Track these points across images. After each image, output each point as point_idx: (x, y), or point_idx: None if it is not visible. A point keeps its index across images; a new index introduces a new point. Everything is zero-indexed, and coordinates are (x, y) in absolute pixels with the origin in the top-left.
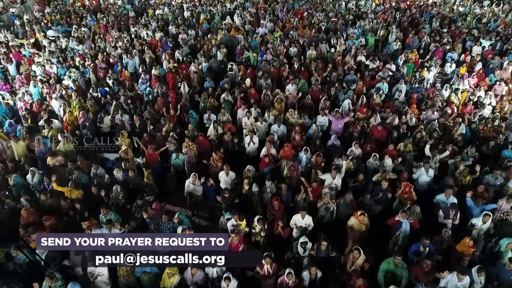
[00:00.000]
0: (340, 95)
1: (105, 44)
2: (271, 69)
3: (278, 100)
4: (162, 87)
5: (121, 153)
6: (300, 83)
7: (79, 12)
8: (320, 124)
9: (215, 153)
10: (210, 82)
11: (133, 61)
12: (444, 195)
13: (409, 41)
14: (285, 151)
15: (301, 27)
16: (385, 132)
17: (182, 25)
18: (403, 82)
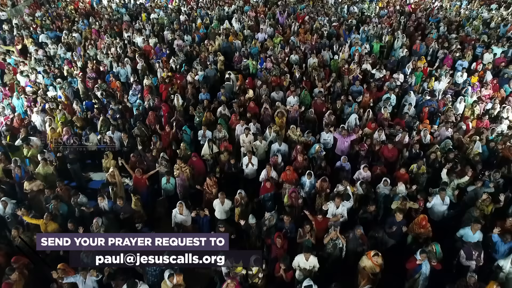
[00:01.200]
0: (345, 108)
1: (96, 51)
2: (270, 78)
3: (279, 115)
4: (154, 99)
5: (108, 177)
6: (302, 94)
7: (71, 16)
8: (325, 142)
9: (209, 177)
10: (205, 94)
11: (124, 70)
12: (469, 229)
13: (416, 47)
14: (286, 174)
15: (302, 33)
16: (396, 152)
17: (178, 30)
18: (412, 93)
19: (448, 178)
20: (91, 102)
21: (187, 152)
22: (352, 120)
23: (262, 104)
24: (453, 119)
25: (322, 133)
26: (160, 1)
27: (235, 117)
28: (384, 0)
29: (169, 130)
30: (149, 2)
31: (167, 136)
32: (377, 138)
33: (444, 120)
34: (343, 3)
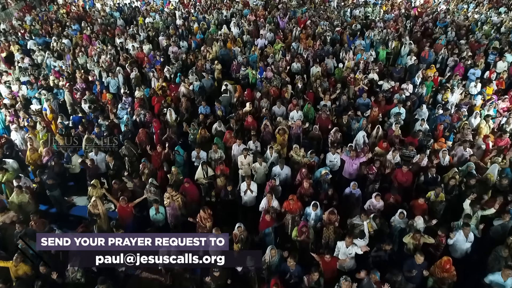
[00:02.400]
0: (352, 123)
1: (86, 59)
2: (270, 89)
3: (281, 132)
4: (145, 114)
5: (89, 208)
6: (305, 108)
7: (62, 21)
8: (331, 164)
9: (203, 210)
10: (205, 107)
11: (115, 80)
12: (499, 275)
13: (425, 54)
14: (290, 204)
15: (304, 38)
16: (411, 176)
17: (174, 35)
18: (425, 107)
19: (471, 210)
20: (79, 117)
21: (179, 176)
22: (360, 137)
23: (262, 118)
24: (470, 137)
25: (328, 154)
26: (156, 4)
27: (229, 134)
28: (388, 3)
29: (160, 150)
30: (144, 5)
31: (158, 157)
32: (391, 160)
33: (460, 138)
34: (346, 6)
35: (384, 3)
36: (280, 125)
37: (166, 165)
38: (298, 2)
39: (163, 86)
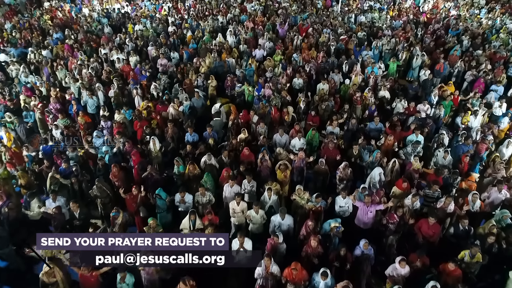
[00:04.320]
0: (364, 153)
1: (66, 73)
2: (271, 109)
3: (282, 167)
4: (124, 142)
5: (43, 277)
6: (309, 134)
7: (45, 28)
8: (341, 209)
9: (183, 281)
10: (192, 135)
11: (93, 100)
12: None
13: (440, 67)
14: (292, 273)
15: (306, 48)
16: (438, 229)
17: (164, 45)
18: (446, 135)
19: None
20: (51, 147)
21: (158, 229)
22: (376, 175)
23: (260, 146)
24: (503, 172)
25: (337, 197)
26: (147, 10)
27: (227, 173)
28: (395, 9)
29: (136, 193)
30: (135, 11)
31: (133, 201)
32: (409, 205)
33: (492, 174)
34: (350, 11)
35: (390, 8)
36: (280, 157)
37: (143, 210)
38: (299, 7)
39: (148, 107)
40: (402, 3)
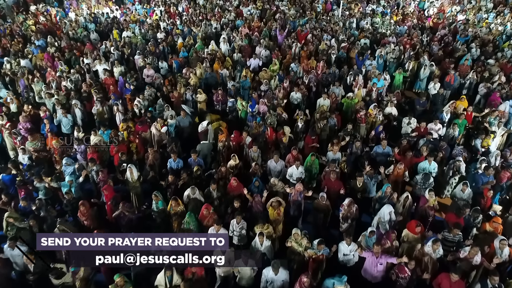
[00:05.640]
0: (370, 184)
1: (42, 86)
2: (265, 129)
3: (274, 204)
4: (98, 171)
5: None
6: (308, 160)
7: (27, 34)
8: (345, 258)
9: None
10: (176, 161)
11: (68, 119)
12: None
13: (450, 79)
14: None
15: (305, 57)
16: (462, 286)
17: (152, 55)
18: (463, 162)
19: None
20: (13, 176)
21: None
22: (385, 214)
23: (251, 174)
24: None
25: (341, 244)
26: (138, 14)
27: (207, 211)
28: (399, 13)
29: None
30: (124, 15)
31: None
32: (430, 254)
33: None
34: (352, 16)
35: (394, 12)
36: (275, 188)
37: None
38: (297, 10)
39: (128, 127)
40: (405, 6)
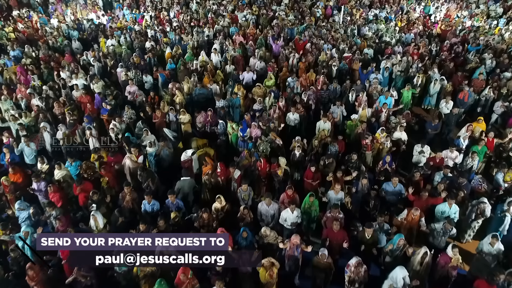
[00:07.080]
0: (380, 236)
1: (10, 105)
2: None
3: (266, 264)
4: (56, 217)
5: None
6: (306, 201)
7: (3, 44)
8: None
9: None
10: (151, 204)
11: (30, 148)
12: None
13: (464, 96)
14: None
15: (304, 69)
16: None
17: (135, 68)
18: (488, 204)
19: None
20: None
21: None
22: (399, 279)
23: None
24: None
25: None
26: (126, 20)
27: (184, 276)
28: (403, 19)
29: None
30: (110, 22)
31: None
32: None
33: None
34: (354, 22)
35: (398, 18)
36: (266, 240)
37: None
38: (296, 16)
39: (100, 157)
40: (410, 11)
